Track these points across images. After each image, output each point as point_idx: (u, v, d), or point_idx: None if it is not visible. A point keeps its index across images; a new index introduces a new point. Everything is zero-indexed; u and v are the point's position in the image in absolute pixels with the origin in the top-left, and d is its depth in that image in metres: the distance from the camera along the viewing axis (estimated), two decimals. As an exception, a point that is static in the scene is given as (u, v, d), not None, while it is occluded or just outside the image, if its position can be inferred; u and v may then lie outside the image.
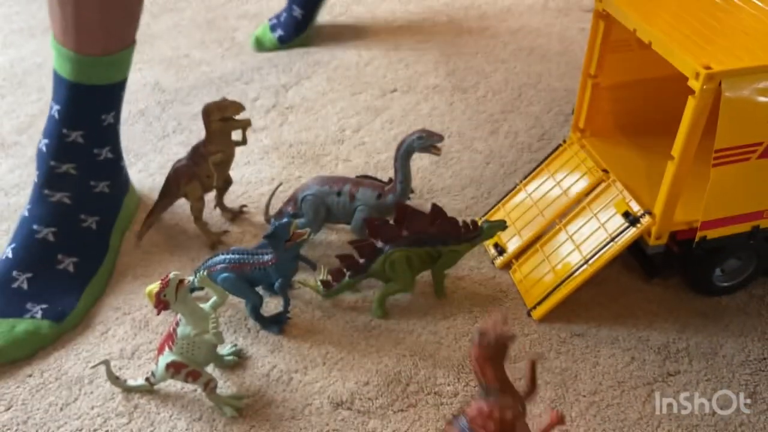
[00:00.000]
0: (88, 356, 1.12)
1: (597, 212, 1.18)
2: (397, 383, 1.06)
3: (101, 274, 1.22)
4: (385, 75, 1.86)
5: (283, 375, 1.08)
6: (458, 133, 1.62)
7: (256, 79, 1.86)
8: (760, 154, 1.02)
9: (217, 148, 1.28)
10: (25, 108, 1.74)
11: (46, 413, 1.03)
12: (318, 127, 1.66)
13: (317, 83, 1.83)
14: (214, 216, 1.40)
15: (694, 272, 1.18)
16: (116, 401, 1.05)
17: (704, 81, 0.93)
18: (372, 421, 1.01)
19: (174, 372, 0.99)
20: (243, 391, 1.06)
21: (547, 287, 1.15)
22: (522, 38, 2.01)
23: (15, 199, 1.45)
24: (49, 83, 1.18)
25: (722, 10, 1.08)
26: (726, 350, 1.11)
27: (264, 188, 1.47)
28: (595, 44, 1.22)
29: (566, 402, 1.03)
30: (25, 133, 1.65)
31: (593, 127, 1.32)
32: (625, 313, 1.18)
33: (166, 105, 1.75)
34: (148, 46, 2.01)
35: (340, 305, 1.20)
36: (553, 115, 1.68)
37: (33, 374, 1.09)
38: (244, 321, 1.17)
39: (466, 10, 2.18)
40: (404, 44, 2.00)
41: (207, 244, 1.32)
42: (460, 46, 1.98)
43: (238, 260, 1.12)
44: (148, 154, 1.58)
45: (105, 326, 1.17)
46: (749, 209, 1.10)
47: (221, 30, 2.10)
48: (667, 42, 1.00)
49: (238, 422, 1.01)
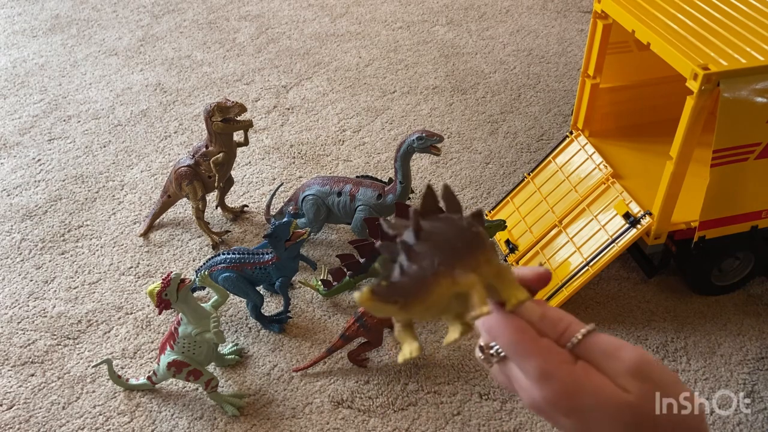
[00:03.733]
0: (90, 355, 1.13)
1: (597, 214, 1.18)
2: (396, 382, 1.06)
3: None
4: (385, 76, 1.86)
5: (283, 374, 1.09)
6: (458, 134, 1.63)
7: (257, 80, 1.86)
8: (758, 154, 1.03)
9: (219, 149, 1.28)
10: (27, 108, 1.75)
11: (48, 412, 1.04)
12: (318, 128, 1.67)
13: (318, 84, 1.84)
14: (216, 216, 1.40)
15: (692, 272, 1.19)
16: (118, 400, 1.05)
17: (702, 82, 0.93)
18: (372, 419, 1.01)
19: (175, 371, 1.00)
20: (244, 389, 1.07)
21: (548, 290, 1.16)
22: (521, 39, 2.02)
23: (18, 199, 1.46)
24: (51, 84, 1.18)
25: (720, 12, 1.08)
26: (724, 349, 1.11)
27: (265, 188, 1.48)
28: (593, 45, 1.23)
29: (565, 401, 1.03)
30: (27, 133, 1.66)
31: (592, 128, 1.32)
32: (624, 313, 1.18)
33: (168, 106, 1.76)
34: (149, 47, 2.02)
35: (340, 305, 1.21)
36: (552, 115, 1.69)
37: (35, 373, 1.10)
38: (245, 320, 1.18)
39: (466, 12, 2.18)
40: (404, 45, 2.01)
41: (209, 244, 1.33)
42: (459, 47, 1.98)
43: (239, 260, 1.13)
44: (150, 154, 1.59)
45: (107, 326, 1.18)
46: (747, 209, 1.10)
47: (223, 31, 2.11)
48: (666, 43, 1.01)
49: (239, 421, 1.02)
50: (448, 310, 0.43)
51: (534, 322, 0.42)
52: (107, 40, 2.05)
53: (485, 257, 0.43)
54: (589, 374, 0.40)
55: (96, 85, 1.84)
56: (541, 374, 0.40)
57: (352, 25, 2.12)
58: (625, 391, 0.39)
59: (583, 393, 0.39)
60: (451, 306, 0.42)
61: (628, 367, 0.40)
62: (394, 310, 0.40)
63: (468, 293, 0.41)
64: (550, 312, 0.43)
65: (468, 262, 0.42)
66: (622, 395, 0.39)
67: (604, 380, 0.40)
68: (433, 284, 0.40)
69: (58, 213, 1.42)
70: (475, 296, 0.41)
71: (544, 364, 0.40)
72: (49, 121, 1.70)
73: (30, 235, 1.36)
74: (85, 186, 1.49)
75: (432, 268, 0.41)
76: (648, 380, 0.40)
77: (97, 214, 1.41)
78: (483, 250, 0.43)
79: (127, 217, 1.40)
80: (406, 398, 1.04)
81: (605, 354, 0.40)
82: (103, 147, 1.61)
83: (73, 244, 1.34)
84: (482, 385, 1.06)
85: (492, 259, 0.44)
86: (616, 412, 0.39)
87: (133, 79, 1.87)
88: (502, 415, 1.02)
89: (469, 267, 0.42)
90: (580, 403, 0.39)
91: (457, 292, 0.41)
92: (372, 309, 0.38)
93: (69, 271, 1.28)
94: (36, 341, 1.15)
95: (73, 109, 1.74)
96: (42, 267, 1.29)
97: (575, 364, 0.40)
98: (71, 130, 1.67)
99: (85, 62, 1.94)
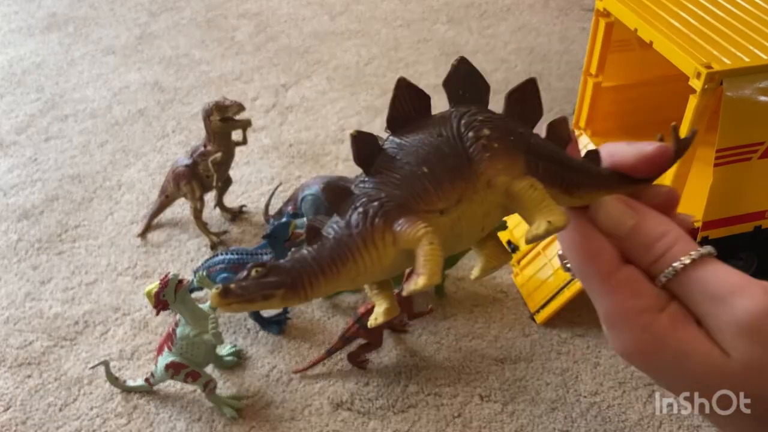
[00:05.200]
0: (87, 357, 1.12)
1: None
2: (396, 384, 1.05)
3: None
4: (385, 74, 1.85)
5: (282, 375, 1.08)
6: (458, 133, 1.62)
7: (255, 78, 1.85)
8: (761, 153, 1.02)
9: (217, 148, 1.27)
10: (24, 107, 1.73)
11: (45, 414, 1.03)
12: (318, 127, 1.66)
13: (317, 83, 1.83)
14: (214, 216, 1.39)
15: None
16: (115, 402, 1.04)
17: (705, 80, 0.93)
18: (372, 421, 1.00)
19: (173, 372, 0.99)
20: (243, 391, 1.06)
21: (550, 291, 1.15)
22: (522, 37, 2.00)
23: (14, 199, 1.44)
24: (48, 82, 1.17)
25: (724, 10, 1.07)
26: (727, 351, 1.10)
27: (264, 188, 1.46)
28: (596, 43, 1.22)
29: (567, 403, 1.02)
30: (23, 132, 1.65)
31: (594, 127, 1.31)
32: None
33: (166, 105, 1.75)
34: (147, 45, 2.00)
35: (340, 305, 1.20)
36: (554, 114, 1.66)
37: (32, 375, 1.09)
38: (244, 321, 1.17)
39: (467, 9, 2.17)
40: (404, 43, 1.99)
41: (207, 244, 1.32)
42: (460, 46, 1.97)
43: (237, 260, 1.12)
44: (148, 153, 1.58)
45: (104, 327, 1.17)
46: (751, 209, 1.09)
47: (221, 29, 2.10)
48: (668, 41, 1.00)
49: (237, 423, 1.01)
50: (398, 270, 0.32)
51: (621, 235, 0.31)
52: (104, 38, 2.04)
53: (486, 177, 0.31)
54: (676, 329, 0.29)
55: (93, 83, 1.83)
56: (611, 321, 0.31)
57: (352, 24, 2.10)
58: (724, 354, 0.29)
59: (662, 354, 0.29)
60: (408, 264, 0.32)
61: (739, 319, 0.28)
62: (270, 304, 0.31)
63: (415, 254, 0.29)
64: (647, 223, 0.31)
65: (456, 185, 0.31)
66: (717, 361, 0.29)
67: (698, 338, 0.29)
68: (362, 247, 0.30)
69: (55, 213, 1.41)
70: (420, 259, 0.29)
71: (615, 309, 0.30)
72: (46, 120, 1.69)
73: (26, 236, 1.35)
74: (82, 186, 1.48)
75: (363, 224, 0.30)
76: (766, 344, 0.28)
77: (94, 214, 1.40)
78: (485, 166, 0.31)
79: (124, 217, 1.39)
80: (406, 400, 1.03)
81: (714, 296, 0.29)
82: (100, 146, 1.60)
83: (70, 245, 1.33)
84: (483, 387, 1.05)
85: (495, 178, 0.31)
86: (708, 384, 0.29)
87: (131, 77, 1.86)
88: (504, 417, 1.01)
89: (449, 198, 0.31)
90: (658, 365, 0.30)
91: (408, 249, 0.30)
92: (231, 311, 0.30)
93: (66, 271, 1.27)
94: (32, 342, 1.14)
95: (70, 108, 1.73)
96: (38, 267, 1.28)
97: (661, 311, 0.29)
98: (68, 129, 1.66)
99: (82, 61, 1.93)
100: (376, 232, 0.30)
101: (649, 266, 0.31)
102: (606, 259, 0.31)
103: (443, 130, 0.32)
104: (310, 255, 0.31)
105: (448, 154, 0.31)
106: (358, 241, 0.30)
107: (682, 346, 0.29)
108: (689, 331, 0.29)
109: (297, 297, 0.31)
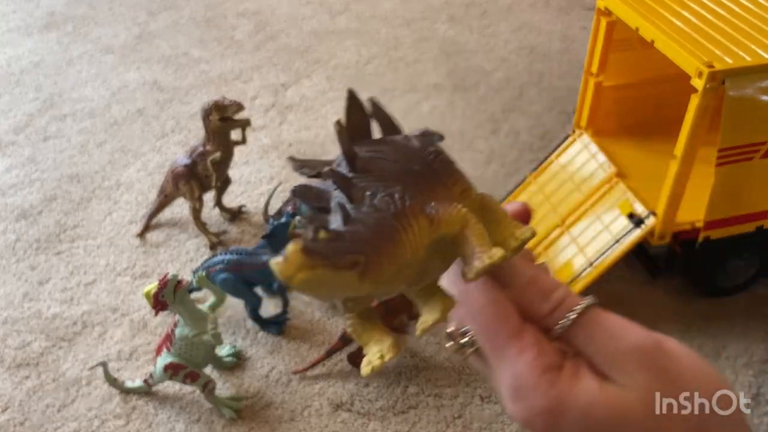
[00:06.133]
0: (85, 358, 1.11)
1: (601, 214, 1.17)
2: (397, 385, 1.05)
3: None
4: (385, 74, 1.85)
5: (282, 376, 1.07)
6: (459, 133, 1.61)
7: (255, 78, 1.84)
8: (763, 153, 1.01)
9: (216, 148, 1.27)
10: (22, 107, 1.73)
11: (43, 415, 1.02)
12: (317, 126, 1.65)
13: (317, 82, 1.82)
14: (213, 216, 1.39)
15: (697, 273, 1.17)
16: (114, 403, 1.04)
17: (707, 80, 0.92)
18: (372, 422, 1.00)
19: (172, 373, 0.99)
20: (242, 392, 1.05)
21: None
22: (523, 36, 2.00)
23: (12, 199, 1.44)
24: (46, 82, 1.17)
25: (726, 9, 1.07)
26: (729, 352, 1.10)
27: (263, 188, 1.46)
28: (597, 43, 1.21)
29: (568, 404, 1.02)
30: (22, 132, 1.64)
31: (595, 127, 1.31)
32: (628, 314, 1.16)
33: (165, 104, 1.74)
34: (146, 44, 2.00)
35: (339, 306, 1.19)
36: (555, 114, 1.67)
37: (30, 375, 1.08)
38: (243, 322, 1.16)
39: (467, 8, 2.16)
40: (404, 43, 1.99)
41: (206, 244, 1.31)
42: (460, 45, 1.96)
43: (236, 261, 1.11)
44: (147, 153, 1.57)
45: (103, 327, 1.16)
46: (753, 209, 1.09)
47: (220, 28, 2.09)
48: (670, 40, 0.99)
49: (237, 424, 1.00)
50: (426, 274, 0.30)
51: (520, 287, 0.32)
52: (103, 37, 2.03)
53: (460, 187, 0.30)
54: (577, 383, 0.30)
55: (92, 83, 1.82)
56: (519, 382, 0.30)
57: (352, 23, 2.10)
58: (620, 386, 0.30)
59: (570, 409, 0.30)
60: (431, 267, 0.29)
61: (634, 348, 0.31)
62: (349, 282, 0.25)
63: (458, 237, 0.28)
64: (542, 278, 0.32)
65: (438, 193, 0.29)
66: (617, 402, 0.30)
67: (597, 385, 0.30)
68: (403, 228, 0.27)
69: (54, 213, 1.40)
70: (472, 238, 0.27)
71: (525, 369, 0.30)
72: (44, 119, 1.68)
73: (25, 236, 1.35)
74: (80, 185, 1.47)
75: (394, 205, 0.27)
76: (658, 371, 0.31)
77: (93, 214, 1.40)
78: (455, 177, 0.30)
79: (123, 217, 1.39)
80: (406, 401, 1.02)
81: (610, 334, 0.31)
82: (98, 146, 1.59)
83: (69, 245, 1.33)
84: (484, 388, 1.05)
85: (468, 189, 0.30)
86: (615, 426, 0.30)
87: (130, 77, 1.86)
88: (504, 418, 1.01)
89: (444, 200, 0.29)
90: (566, 422, 0.30)
91: (439, 238, 0.28)
92: (310, 285, 0.24)
93: (64, 271, 1.27)
94: (31, 343, 1.14)
95: (69, 108, 1.72)
96: (37, 268, 1.28)
97: (560, 370, 0.30)
98: (66, 128, 1.65)
99: (81, 60, 1.92)
100: (410, 213, 0.28)
101: (546, 316, 0.32)
102: (515, 318, 0.31)
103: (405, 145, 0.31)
104: (360, 231, 0.26)
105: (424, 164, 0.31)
106: (395, 221, 0.27)
107: (587, 396, 0.30)
108: (588, 380, 0.30)
109: (370, 275, 0.26)
